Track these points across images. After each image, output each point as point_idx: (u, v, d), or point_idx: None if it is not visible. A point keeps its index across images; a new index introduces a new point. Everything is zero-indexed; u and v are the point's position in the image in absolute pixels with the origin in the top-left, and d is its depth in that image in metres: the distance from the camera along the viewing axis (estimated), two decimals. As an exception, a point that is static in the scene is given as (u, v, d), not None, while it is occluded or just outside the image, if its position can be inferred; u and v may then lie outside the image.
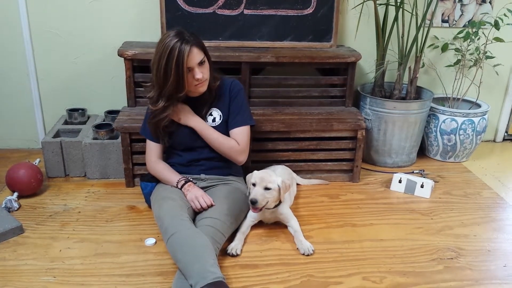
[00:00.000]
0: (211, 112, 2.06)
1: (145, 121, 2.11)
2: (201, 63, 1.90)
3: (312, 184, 2.50)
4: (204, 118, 2.05)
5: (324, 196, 2.40)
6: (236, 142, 2.05)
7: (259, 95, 2.58)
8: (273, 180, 1.92)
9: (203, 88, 1.96)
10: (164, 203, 1.89)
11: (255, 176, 1.93)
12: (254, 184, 1.92)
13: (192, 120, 2.03)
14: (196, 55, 1.87)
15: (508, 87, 3.11)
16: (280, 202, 1.99)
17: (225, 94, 2.07)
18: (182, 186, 2.00)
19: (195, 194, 1.95)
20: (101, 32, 2.64)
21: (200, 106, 2.04)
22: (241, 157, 2.07)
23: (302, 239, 1.95)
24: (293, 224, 2.02)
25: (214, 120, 2.06)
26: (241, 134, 2.06)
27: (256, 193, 1.89)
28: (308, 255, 1.88)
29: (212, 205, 1.92)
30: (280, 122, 2.40)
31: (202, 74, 1.90)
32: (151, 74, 1.94)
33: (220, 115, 2.06)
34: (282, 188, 1.93)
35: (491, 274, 1.81)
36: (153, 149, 2.11)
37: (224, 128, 2.07)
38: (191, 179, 2.04)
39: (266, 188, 1.90)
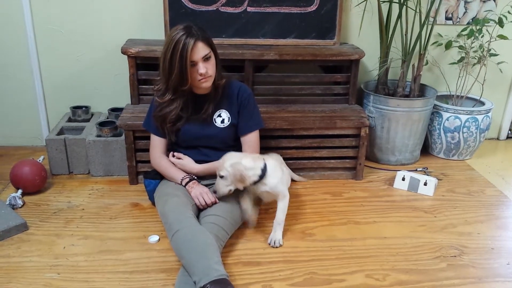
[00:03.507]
0: (220, 114, 2.06)
1: (149, 114, 2.11)
2: (206, 59, 1.90)
3: (296, 180, 2.46)
4: (211, 117, 2.05)
5: (327, 193, 2.40)
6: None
7: (262, 92, 2.57)
8: (224, 167, 1.85)
9: (207, 84, 1.95)
10: (169, 199, 1.90)
11: None
12: None
13: (195, 168, 2.05)
14: (201, 49, 1.87)
15: (512, 84, 3.11)
16: (262, 176, 1.87)
17: (233, 97, 2.07)
18: (186, 184, 2.00)
19: (200, 191, 1.95)
20: (104, 30, 2.65)
21: (206, 104, 2.03)
22: None
23: (278, 229, 1.93)
24: (281, 206, 1.93)
25: (223, 121, 2.06)
26: (253, 141, 2.10)
27: (216, 183, 1.90)
28: (273, 246, 1.89)
29: (216, 203, 1.93)
30: (283, 119, 2.40)
31: (206, 69, 1.89)
32: (160, 67, 1.95)
33: (229, 117, 2.06)
34: (230, 175, 1.83)
35: (495, 272, 1.81)
36: (157, 144, 2.11)
37: (231, 131, 2.08)
38: (195, 177, 2.04)
39: (221, 176, 1.87)
